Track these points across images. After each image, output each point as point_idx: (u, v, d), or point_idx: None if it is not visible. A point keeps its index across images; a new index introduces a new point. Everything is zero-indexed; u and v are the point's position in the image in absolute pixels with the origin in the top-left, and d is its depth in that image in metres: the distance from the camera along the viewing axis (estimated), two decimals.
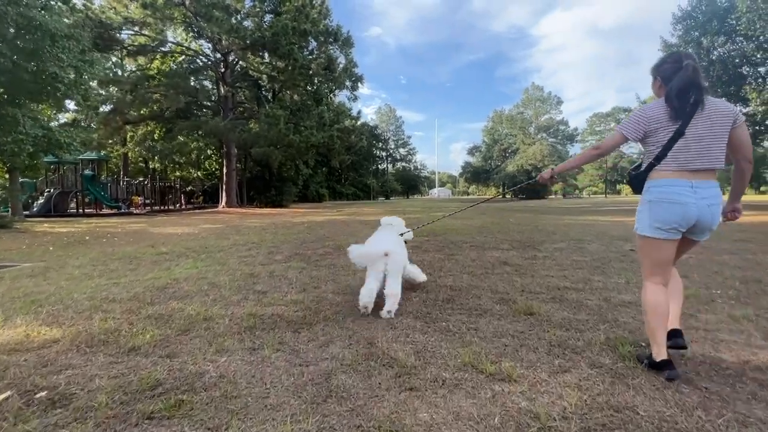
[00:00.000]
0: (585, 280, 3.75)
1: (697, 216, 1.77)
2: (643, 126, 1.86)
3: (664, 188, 1.81)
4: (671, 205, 1.78)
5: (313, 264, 4.99)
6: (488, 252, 5.85)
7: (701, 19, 16.51)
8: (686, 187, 1.77)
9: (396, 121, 77.46)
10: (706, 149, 1.76)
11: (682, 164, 1.78)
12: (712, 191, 1.79)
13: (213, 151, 30.69)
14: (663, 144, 1.81)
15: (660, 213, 1.82)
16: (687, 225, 1.80)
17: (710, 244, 6.39)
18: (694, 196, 1.75)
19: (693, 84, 1.77)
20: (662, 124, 1.82)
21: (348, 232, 9.03)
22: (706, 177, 1.79)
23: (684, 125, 1.77)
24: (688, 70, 1.77)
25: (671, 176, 1.81)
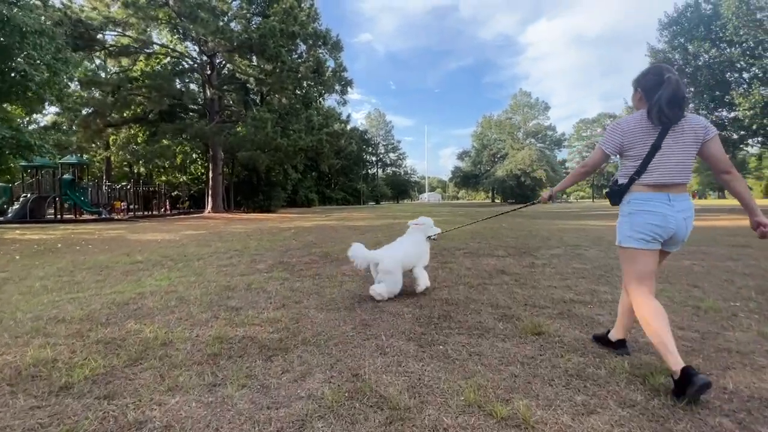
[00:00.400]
0: (591, 292, 3.46)
1: (675, 228, 1.80)
2: (619, 139, 1.90)
3: (645, 201, 1.84)
4: (652, 215, 1.80)
5: (297, 274, 4.62)
6: (483, 259, 5.54)
7: (687, 25, 16.69)
8: (664, 200, 1.80)
9: (386, 126, 77.42)
10: (680, 163, 1.79)
11: (661, 178, 1.80)
12: (686, 204, 1.82)
13: (199, 155, 30.03)
14: (642, 158, 1.83)
15: (642, 223, 1.83)
16: (667, 235, 1.82)
17: (709, 250, 6.21)
18: (672, 209, 1.79)
19: (682, 94, 1.78)
20: (638, 137, 1.84)
21: (336, 239, 8.66)
22: (680, 190, 1.83)
23: (660, 139, 1.79)
24: (672, 81, 1.78)
25: (651, 190, 1.83)
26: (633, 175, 1.87)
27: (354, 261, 3.40)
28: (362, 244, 3.56)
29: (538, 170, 51.81)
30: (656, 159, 1.80)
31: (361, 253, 3.42)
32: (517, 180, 52.72)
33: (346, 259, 6.15)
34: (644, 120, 1.83)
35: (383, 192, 75.53)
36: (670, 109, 1.75)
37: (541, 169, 51.99)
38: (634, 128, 1.85)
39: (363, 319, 2.73)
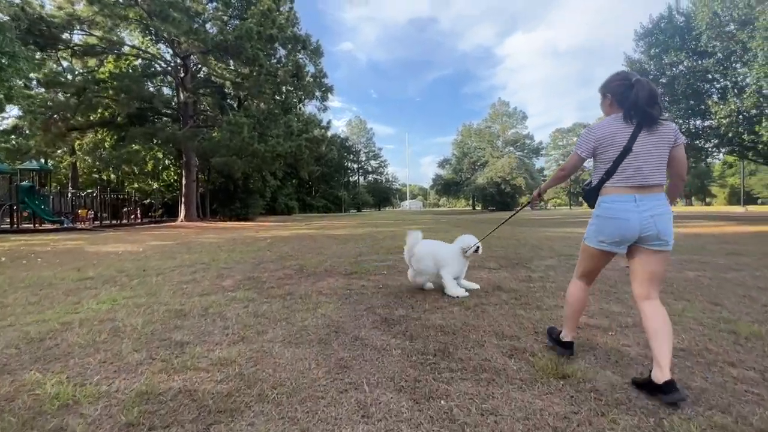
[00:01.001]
0: (605, 313, 3.01)
1: (640, 228, 1.82)
2: (592, 143, 1.95)
3: (611, 204, 1.89)
4: (614, 221, 1.86)
5: (266, 293, 4.00)
6: (475, 272, 5.07)
7: (662, 36, 17.03)
8: (630, 202, 1.83)
9: (367, 134, 77.22)
10: (651, 165, 1.82)
11: (629, 179, 1.84)
12: (654, 202, 1.82)
13: (171, 161, 28.77)
14: (612, 160, 1.87)
15: (605, 228, 1.91)
16: (629, 239, 1.86)
17: (705, 259, 5.96)
18: (636, 210, 1.81)
19: (655, 94, 1.83)
20: (610, 141, 1.88)
21: (314, 249, 8.04)
22: (652, 191, 1.85)
23: (631, 142, 1.83)
24: (644, 82, 1.83)
25: (618, 191, 1.88)
26: (603, 176, 1.93)
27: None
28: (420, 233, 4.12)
29: (517, 178, 52.45)
30: (626, 161, 1.85)
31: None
32: (497, 187, 53.19)
33: (323, 273, 5.58)
34: (616, 124, 1.89)
35: (365, 199, 74.99)
36: (651, 107, 1.80)
37: (520, 177, 52.66)
38: (606, 132, 1.90)
39: (340, 358, 2.17)
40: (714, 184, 77.66)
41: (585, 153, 1.99)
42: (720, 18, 14.42)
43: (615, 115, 1.92)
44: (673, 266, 5.30)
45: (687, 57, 15.64)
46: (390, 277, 4.84)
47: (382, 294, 3.83)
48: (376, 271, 5.32)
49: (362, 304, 3.45)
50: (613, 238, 1.89)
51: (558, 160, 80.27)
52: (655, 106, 1.80)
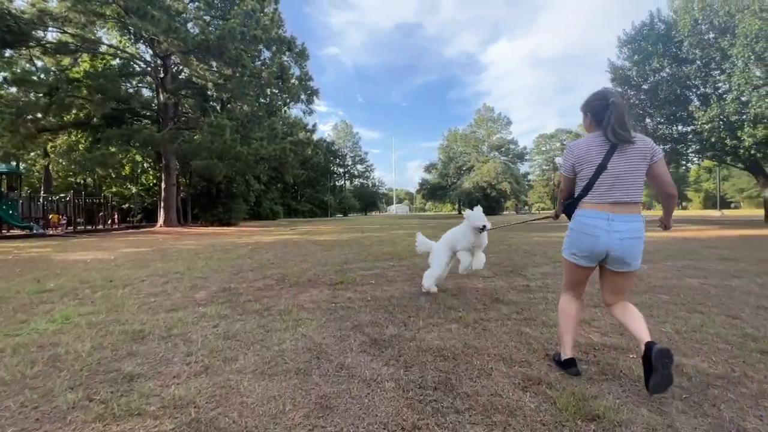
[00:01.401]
0: (616, 329, 2.72)
1: (607, 248, 1.85)
2: (571, 161, 2.00)
3: (583, 219, 1.93)
4: (584, 236, 1.91)
5: (241, 308, 3.59)
6: (468, 281, 4.76)
7: (644, 44, 17.27)
8: (603, 219, 1.86)
9: (353, 138, 76.90)
10: (625, 183, 1.84)
11: (603, 197, 1.88)
12: (628, 225, 1.84)
13: (150, 164, 27.83)
14: (589, 177, 1.92)
15: (575, 242, 1.96)
16: (597, 256, 1.90)
17: (702, 265, 5.80)
18: (607, 229, 1.85)
19: (624, 116, 1.86)
20: (587, 158, 1.92)
21: (298, 257, 7.62)
22: (627, 210, 1.86)
23: (606, 159, 1.86)
24: (617, 105, 1.87)
25: (592, 208, 1.91)
26: (581, 192, 1.98)
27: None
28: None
29: (503, 182, 52.82)
30: (601, 178, 1.88)
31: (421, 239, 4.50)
32: (483, 192, 53.45)
33: (306, 283, 5.18)
34: (593, 142, 1.92)
35: (351, 204, 74.50)
36: (623, 130, 1.84)
37: (505, 182, 53.06)
38: (583, 151, 1.95)
39: (322, 394, 1.80)
40: (689, 189, 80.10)
41: (567, 172, 2.08)
42: (701, 25, 14.67)
43: (593, 134, 1.96)
44: (672, 273, 5.11)
45: (669, 64, 15.86)
46: (378, 287, 4.49)
47: (370, 308, 3.47)
48: (363, 280, 4.96)
49: (348, 320, 3.08)
50: (583, 253, 1.94)
51: (541, 166, 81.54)
52: (625, 128, 1.85)
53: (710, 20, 14.16)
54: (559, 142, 79.63)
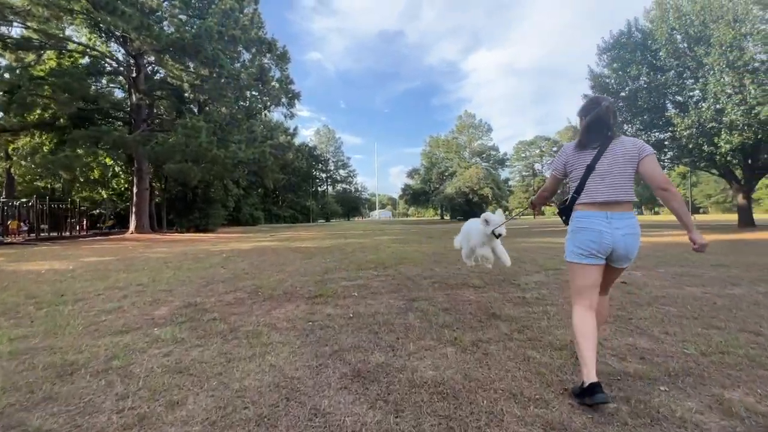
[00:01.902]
0: (635, 351, 2.40)
1: (612, 244, 1.88)
2: (562, 162, 2.09)
3: (582, 219, 1.96)
4: (589, 231, 1.91)
5: (203, 329, 3.12)
6: (459, 292, 4.41)
7: (622, 52, 17.57)
8: (602, 218, 1.90)
9: (335, 143, 76.40)
10: (614, 182, 1.89)
11: (596, 197, 1.92)
12: (625, 222, 1.90)
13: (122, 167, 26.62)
14: (579, 178, 1.99)
15: (580, 239, 1.94)
16: (605, 251, 1.90)
17: (697, 272, 5.64)
18: (609, 226, 1.88)
19: (601, 121, 1.93)
20: (577, 160, 2.00)
21: (275, 265, 7.12)
22: (621, 209, 1.91)
23: (594, 161, 1.93)
24: (601, 109, 1.94)
25: (589, 209, 1.95)
26: (573, 194, 2.02)
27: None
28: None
29: (485, 188, 53.21)
30: (591, 179, 1.93)
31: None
32: (465, 197, 53.71)
33: (281, 296, 4.71)
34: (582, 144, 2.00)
35: (333, 209, 73.75)
36: (586, 135, 1.96)
37: (487, 187, 53.47)
38: (574, 152, 2.02)
39: None
40: None
41: (557, 171, 2.14)
42: (677, 34, 14.98)
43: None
44: (669, 281, 4.90)
45: (647, 72, 16.14)
46: (361, 300, 4.07)
47: (352, 327, 3.06)
48: (344, 292, 4.53)
49: (327, 344, 2.66)
50: (590, 249, 1.91)
51: (521, 172, 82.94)
52: (591, 133, 1.94)
53: (686, 30, 14.48)
54: (539, 149, 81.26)
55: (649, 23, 17.37)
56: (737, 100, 12.60)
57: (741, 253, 7.85)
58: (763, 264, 6.23)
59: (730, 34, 12.71)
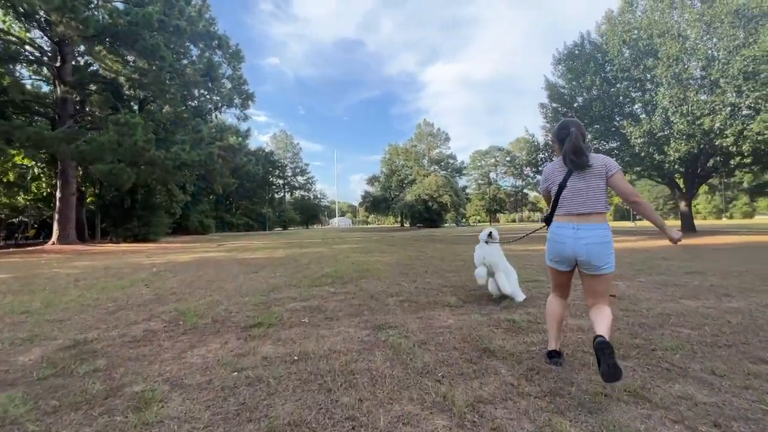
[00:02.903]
0: (699, 409, 1.72)
1: (574, 253, 2.13)
2: (544, 180, 2.38)
3: (555, 230, 2.25)
4: (555, 243, 2.23)
5: (65, 392, 2.07)
6: (434, 314, 3.63)
7: (573, 63, 18.09)
8: (569, 228, 2.15)
9: (293, 148, 74.24)
10: (584, 197, 2.14)
11: (567, 209, 2.20)
12: (590, 232, 2.10)
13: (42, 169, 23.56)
14: (554, 194, 2.28)
15: (550, 249, 2.28)
16: (567, 261, 2.20)
17: (679, 281, 5.31)
18: (573, 237, 2.13)
19: (576, 148, 2.15)
20: (552, 179, 2.30)
21: (212, 282, 5.97)
22: (591, 220, 2.12)
23: (565, 180, 2.20)
24: (573, 135, 2.18)
25: (561, 220, 2.24)
26: (551, 208, 2.32)
27: None
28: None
29: (444, 195, 53.77)
30: (563, 194, 2.22)
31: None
32: (425, 204, 53.95)
33: (208, 326, 3.60)
34: (557, 165, 2.28)
35: (291, 217, 71.31)
36: (578, 158, 2.16)
37: (446, 195, 54.08)
38: (549, 173, 2.33)
39: None
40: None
41: (542, 190, 2.44)
42: (626, 48, 15.55)
43: (558, 159, 2.29)
44: (658, 293, 4.44)
45: (600, 82, 16.64)
46: (312, 331, 3.17)
47: (295, 381, 2.15)
48: (292, 319, 3.59)
49: (252, 419, 1.74)
50: (556, 258, 2.24)
51: (477, 180, 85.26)
52: (579, 156, 2.14)
53: (635, 43, 15.05)
54: (493, 158, 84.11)
55: (599, 37, 18.04)
56: (683, 111, 13.15)
57: (703, 259, 7.80)
58: (733, 270, 6.06)
59: (675, 48, 13.29)
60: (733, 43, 12.34)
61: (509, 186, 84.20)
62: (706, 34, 13.16)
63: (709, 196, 64.52)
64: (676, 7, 14.70)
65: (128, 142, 14.04)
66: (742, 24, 12.63)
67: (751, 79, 11.75)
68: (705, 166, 16.16)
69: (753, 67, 11.66)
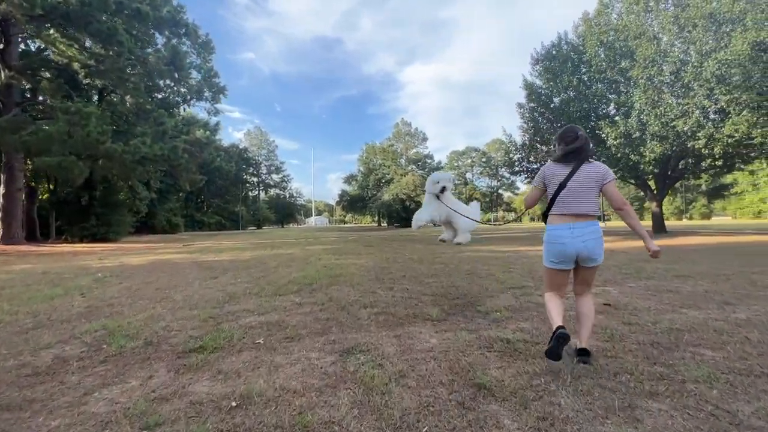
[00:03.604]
0: None
1: (575, 251, 2.29)
2: (541, 177, 2.49)
3: (551, 232, 2.38)
4: (555, 245, 2.35)
5: None
6: (414, 330, 3.10)
7: (551, 63, 18.07)
8: (566, 229, 2.31)
9: (268, 145, 72.33)
10: (580, 199, 2.30)
11: (564, 209, 2.34)
12: (586, 229, 2.29)
13: None
14: (553, 193, 2.39)
15: (552, 252, 2.39)
16: (570, 259, 2.33)
17: (671, 286, 5.02)
18: (570, 236, 2.29)
19: (582, 149, 2.33)
20: (553, 178, 2.40)
21: (162, 290, 5.22)
22: (584, 219, 2.31)
23: (566, 180, 2.33)
24: (581, 139, 2.34)
25: (557, 221, 2.38)
26: (547, 206, 2.45)
27: None
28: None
29: (421, 195, 53.69)
30: (562, 195, 2.34)
31: None
32: (402, 204, 53.68)
33: (135, 353, 2.79)
34: (558, 166, 2.40)
35: (266, 216, 69.54)
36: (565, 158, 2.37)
37: (424, 194, 54.03)
38: (550, 172, 2.42)
39: None
40: None
41: (537, 184, 2.53)
42: (605, 47, 15.59)
43: (559, 160, 2.41)
44: (651, 300, 4.09)
45: (577, 83, 16.65)
46: (267, 357, 2.56)
47: None
48: (244, 340, 2.97)
49: None
50: (560, 259, 2.35)
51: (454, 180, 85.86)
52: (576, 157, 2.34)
53: (611, 44, 15.10)
54: (470, 158, 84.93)
55: (576, 38, 18.10)
56: (657, 113, 13.25)
57: (684, 260, 7.66)
58: (719, 274, 5.86)
59: (651, 50, 13.37)
60: (705, 47, 12.50)
61: (485, 186, 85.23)
62: (678, 37, 13.32)
63: (671, 197, 67.41)
64: (650, 10, 14.84)
65: (80, 133, 12.80)
66: (714, 28, 12.84)
67: (723, 83, 11.93)
68: (676, 168, 16.46)
69: (725, 71, 11.83)
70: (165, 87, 25.07)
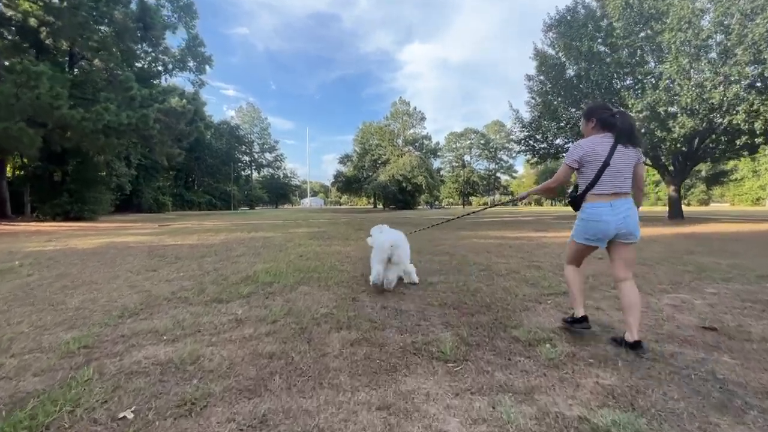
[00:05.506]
0: None
1: (616, 227, 2.27)
2: (580, 154, 2.35)
3: (592, 210, 2.33)
4: (597, 223, 2.30)
5: None
6: (415, 387, 1.67)
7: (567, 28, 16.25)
8: (607, 207, 2.28)
9: (261, 123, 69.83)
10: (623, 177, 2.29)
11: (606, 188, 2.29)
12: (625, 206, 2.28)
13: None
14: (594, 172, 2.30)
15: (589, 229, 2.35)
16: (607, 237, 2.31)
17: (758, 292, 3.67)
18: (612, 213, 2.26)
19: (634, 129, 2.30)
20: (594, 156, 2.31)
21: (69, 289, 3.75)
22: (622, 197, 2.30)
23: (609, 158, 2.27)
24: (628, 116, 2.33)
25: (598, 199, 2.32)
26: (587, 186, 2.35)
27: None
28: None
29: (418, 176, 52.05)
30: (605, 174, 2.28)
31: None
32: (399, 185, 52.10)
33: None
34: (598, 142, 2.31)
35: (259, 196, 67.74)
36: (629, 137, 2.27)
37: (421, 176, 52.35)
38: (591, 149, 2.32)
39: None
40: None
41: (574, 163, 2.38)
42: (632, 9, 13.81)
43: (599, 135, 2.34)
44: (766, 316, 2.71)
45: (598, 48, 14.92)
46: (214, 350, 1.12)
47: None
48: (94, 413, 1.52)
49: None
50: (597, 236, 2.33)
51: (452, 162, 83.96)
52: (632, 136, 2.28)
53: (641, 4, 13.33)
54: (468, 140, 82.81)
55: (594, 1, 16.25)
56: (690, 83, 11.68)
57: (737, 253, 6.28)
58: None
59: (687, 9, 11.67)
60: (751, 4, 10.82)
61: (483, 169, 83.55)
62: None
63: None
64: None
65: (28, 96, 11.05)
66: None
67: None
68: (700, 147, 14.95)
69: None
70: (142, 53, 22.95)
